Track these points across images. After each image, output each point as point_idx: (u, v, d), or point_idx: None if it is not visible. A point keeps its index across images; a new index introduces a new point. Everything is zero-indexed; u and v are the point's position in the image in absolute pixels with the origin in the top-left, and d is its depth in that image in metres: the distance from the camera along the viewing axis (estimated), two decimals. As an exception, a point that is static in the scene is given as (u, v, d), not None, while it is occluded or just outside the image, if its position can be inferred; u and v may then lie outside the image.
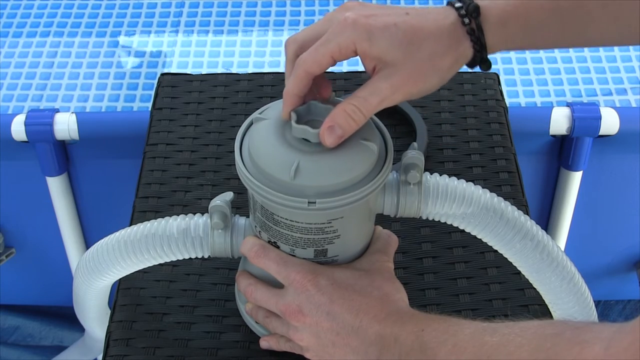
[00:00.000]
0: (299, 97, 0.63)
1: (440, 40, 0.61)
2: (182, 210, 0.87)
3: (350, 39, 0.61)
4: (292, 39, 0.65)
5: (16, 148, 1.18)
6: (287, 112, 0.64)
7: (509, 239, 0.68)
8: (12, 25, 1.43)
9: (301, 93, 0.63)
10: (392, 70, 0.61)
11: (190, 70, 1.33)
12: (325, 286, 0.66)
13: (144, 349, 0.76)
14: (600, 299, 1.47)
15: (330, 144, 0.62)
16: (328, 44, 0.61)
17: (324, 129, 0.62)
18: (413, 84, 0.62)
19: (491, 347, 0.54)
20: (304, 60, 0.62)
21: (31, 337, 1.49)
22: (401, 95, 0.62)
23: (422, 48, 0.61)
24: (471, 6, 0.61)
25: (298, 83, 0.63)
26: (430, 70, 0.62)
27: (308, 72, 0.62)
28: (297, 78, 0.63)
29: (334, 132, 0.61)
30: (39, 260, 1.39)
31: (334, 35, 0.61)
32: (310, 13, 1.44)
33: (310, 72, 0.62)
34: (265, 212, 0.66)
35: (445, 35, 0.61)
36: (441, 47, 0.61)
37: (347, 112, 0.62)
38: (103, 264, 0.72)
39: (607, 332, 0.46)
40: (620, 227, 1.33)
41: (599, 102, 1.27)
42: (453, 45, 0.62)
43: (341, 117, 0.61)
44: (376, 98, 0.62)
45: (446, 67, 0.62)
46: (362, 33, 0.60)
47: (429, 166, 0.87)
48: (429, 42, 0.61)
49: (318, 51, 0.62)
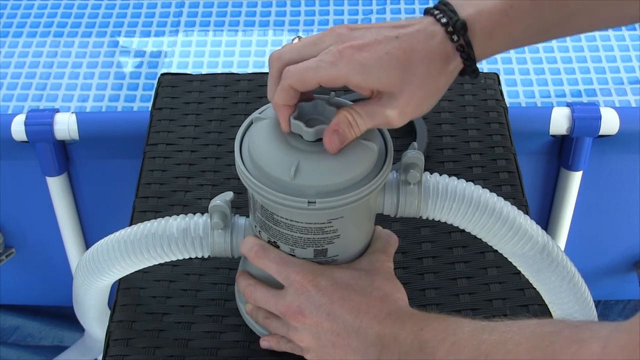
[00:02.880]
0: (290, 107, 0.63)
1: (433, 62, 0.61)
2: (182, 210, 0.87)
3: (343, 72, 0.60)
4: (276, 55, 0.64)
5: (16, 148, 1.18)
6: (285, 124, 0.63)
7: (509, 239, 0.68)
8: (12, 25, 1.43)
9: (290, 103, 0.63)
10: (392, 98, 0.61)
11: (190, 70, 1.33)
12: (325, 286, 0.66)
13: (144, 349, 0.76)
14: (600, 299, 1.47)
15: (333, 149, 0.62)
16: (318, 71, 0.60)
17: (328, 134, 0.62)
18: (414, 108, 0.62)
19: (489, 345, 0.54)
20: (291, 75, 0.61)
21: (31, 337, 1.49)
22: (402, 121, 0.63)
23: (417, 73, 0.61)
24: (458, 23, 0.61)
25: (284, 95, 0.62)
26: (428, 92, 0.62)
27: (293, 87, 0.62)
28: (282, 90, 0.62)
29: (337, 140, 0.62)
30: (39, 260, 1.39)
31: (326, 65, 0.60)
32: (310, 13, 1.44)
33: (294, 88, 0.62)
34: (265, 212, 0.66)
35: (436, 55, 0.61)
36: (435, 69, 0.61)
37: (349, 120, 0.62)
38: (103, 264, 0.73)
39: (605, 330, 0.47)
40: (620, 227, 1.33)
41: (599, 102, 1.27)
42: (445, 63, 0.62)
43: (344, 124, 0.62)
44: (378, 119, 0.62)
45: (442, 86, 0.63)
46: (355, 67, 0.60)
47: (429, 166, 0.86)
48: (422, 65, 0.61)
49: (307, 73, 0.61)
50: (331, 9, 1.45)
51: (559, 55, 1.35)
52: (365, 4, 1.45)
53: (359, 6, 1.45)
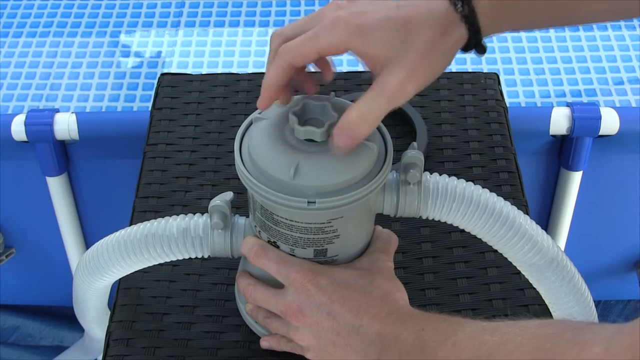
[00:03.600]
0: (279, 87, 0.62)
1: (436, 27, 0.60)
2: (182, 210, 0.87)
3: (342, 36, 0.60)
4: (278, 32, 0.63)
5: (16, 148, 1.18)
6: (265, 102, 0.63)
7: (509, 239, 0.68)
8: (12, 25, 1.43)
9: (281, 83, 0.62)
10: (395, 65, 0.59)
11: (190, 70, 1.33)
12: (325, 286, 0.66)
13: (144, 349, 0.76)
14: (600, 299, 1.47)
15: (343, 150, 0.61)
16: (317, 39, 0.60)
17: (337, 135, 0.61)
18: (420, 73, 0.60)
19: (491, 346, 0.54)
20: (288, 50, 0.61)
21: (31, 337, 1.49)
22: (411, 88, 0.60)
23: (419, 37, 0.59)
24: None
25: (279, 73, 0.61)
26: (432, 56, 0.60)
27: (291, 63, 0.61)
28: (278, 67, 0.61)
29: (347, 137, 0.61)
30: (39, 260, 1.39)
31: (325, 32, 0.60)
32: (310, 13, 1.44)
33: (292, 64, 0.61)
34: (265, 212, 0.66)
35: (439, 21, 0.60)
36: (438, 34, 0.60)
37: (359, 116, 0.60)
38: (103, 264, 0.72)
39: (607, 332, 0.46)
40: (620, 227, 1.33)
41: (599, 102, 1.27)
42: (448, 30, 0.60)
43: (353, 122, 0.60)
44: (384, 97, 0.60)
45: (447, 50, 0.61)
46: (354, 31, 0.59)
47: (429, 166, 0.86)
48: (425, 30, 0.60)
49: (305, 44, 0.60)
50: (331, 8, 1.45)
51: (559, 55, 1.35)
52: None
53: (359, 6, 1.45)
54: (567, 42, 1.37)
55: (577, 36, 1.38)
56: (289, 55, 0.61)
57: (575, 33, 1.39)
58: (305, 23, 0.63)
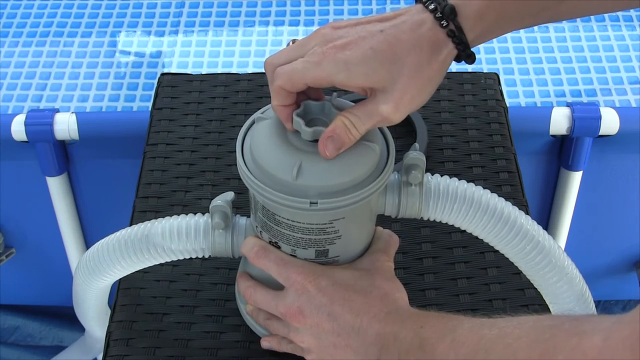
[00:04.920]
0: (288, 107, 0.63)
1: (421, 50, 0.60)
2: (182, 210, 0.87)
3: (327, 72, 0.60)
4: (269, 60, 0.64)
5: (16, 148, 1.18)
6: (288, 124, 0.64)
7: (510, 239, 0.68)
8: (12, 25, 1.43)
9: (286, 103, 0.63)
10: (382, 96, 0.61)
11: (190, 70, 1.33)
12: (325, 287, 0.66)
13: (144, 349, 0.76)
14: (600, 299, 1.47)
15: (327, 156, 0.62)
16: (304, 72, 0.61)
17: (322, 141, 0.62)
18: (409, 100, 0.61)
19: (489, 340, 0.54)
20: (280, 75, 0.62)
21: (31, 337, 1.49)
22: (400, 115, 0.62)
23: (406, 64, 0.60)
24: (447, 8, 0.60)
25: (277, 96, 0.63)
26: (421, 82, 0.61)
27: (282, 87, 0.62)
28: (274, 92, 0.63)
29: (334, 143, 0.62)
30: (39, 260, 1.39)
31: (311, 66, 0.61)
32: (310, 13, 1.44)
33: (284, 89, 0.62)
34: (266, 212, 0.66)
35: (424, 44, 0.60)
36: (424, 57, 0.60)
37: (346, 125, 0.62)
38: (103, 263, 0.73)
39: (606, 323, 0.46)
40: (620, 227, 1.33)
41: (599, 102, 1.27)
42: (435, 51, 0.61)
43: (340, 129, 0.62)
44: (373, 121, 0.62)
45: (435, 74, 0.62)
46: (338, 66, 0.60)
47: (429, 166, 0.87)
48: (410, 55, 0.60)
49: (294, 75, 0.61)
50: (331, 8, 1.45)
51: (559, 55, 1.35)
52: (365, 4, 1.45)
53: (358, 6, 1.45)
54: (567, 42, 1.37)
55: (577, 36, 1.38)
56: (280, 81, 0.62)
57: (576, 33, 1.39)
58: (291, 51, 0.63)
